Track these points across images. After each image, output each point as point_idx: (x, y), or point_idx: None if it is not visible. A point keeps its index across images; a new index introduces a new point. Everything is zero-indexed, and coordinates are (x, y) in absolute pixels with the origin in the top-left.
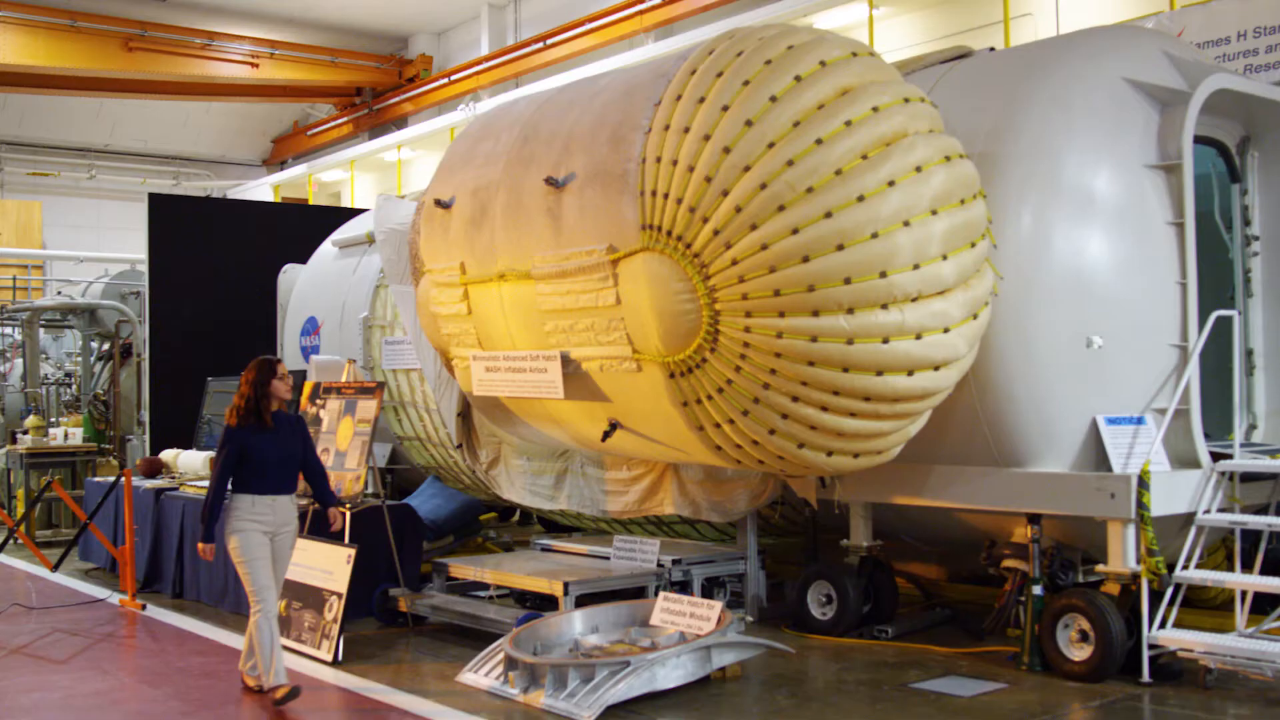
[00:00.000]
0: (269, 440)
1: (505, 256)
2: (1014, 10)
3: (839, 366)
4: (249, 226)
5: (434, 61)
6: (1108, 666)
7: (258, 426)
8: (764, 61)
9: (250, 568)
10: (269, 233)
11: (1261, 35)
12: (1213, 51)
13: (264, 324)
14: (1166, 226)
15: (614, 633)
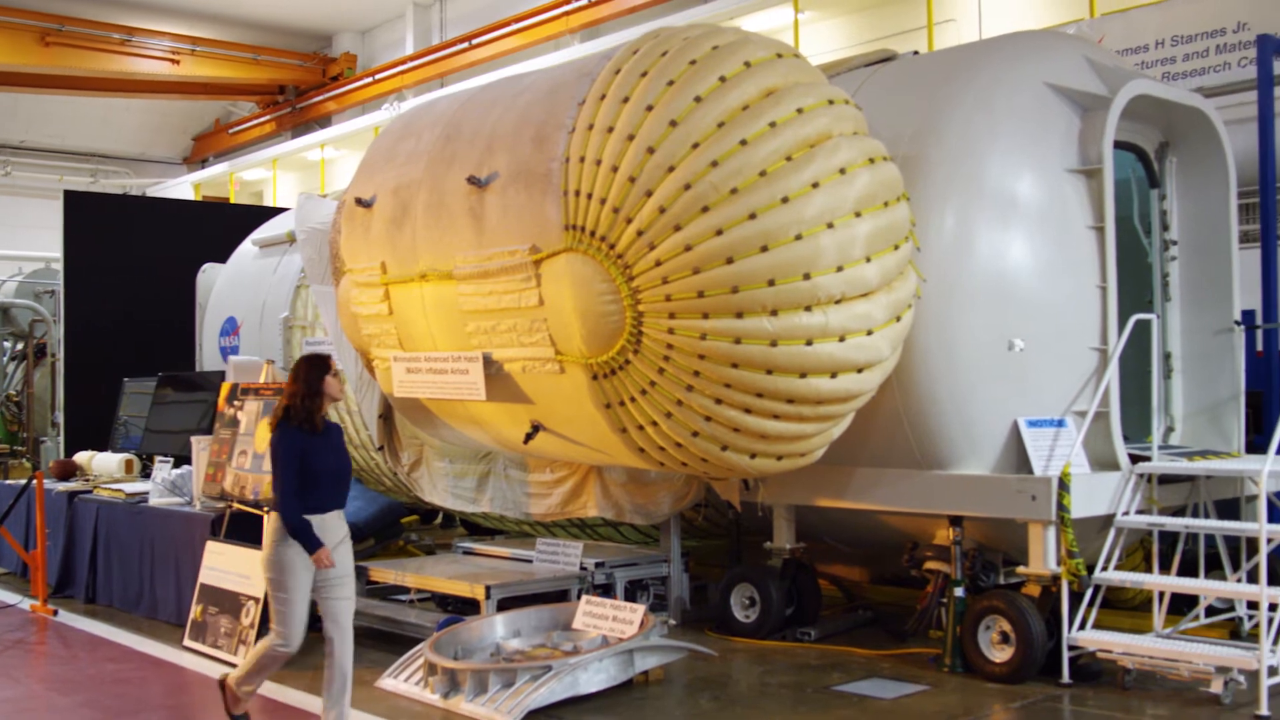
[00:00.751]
0: (321, 447)
1: (427, 256)
2: (937, 16)
3: (763, 369)
4: (168, 225)
5: (358, 60)
6: (1028, 668)
7: (309, 432)
8: (689, 62)
9: (286, 606)
10: (189, 232)
11: (1179, 44)
12: (1132, 59)
13: (183, 324)
14: (1087, 230)
15: (536, 637)
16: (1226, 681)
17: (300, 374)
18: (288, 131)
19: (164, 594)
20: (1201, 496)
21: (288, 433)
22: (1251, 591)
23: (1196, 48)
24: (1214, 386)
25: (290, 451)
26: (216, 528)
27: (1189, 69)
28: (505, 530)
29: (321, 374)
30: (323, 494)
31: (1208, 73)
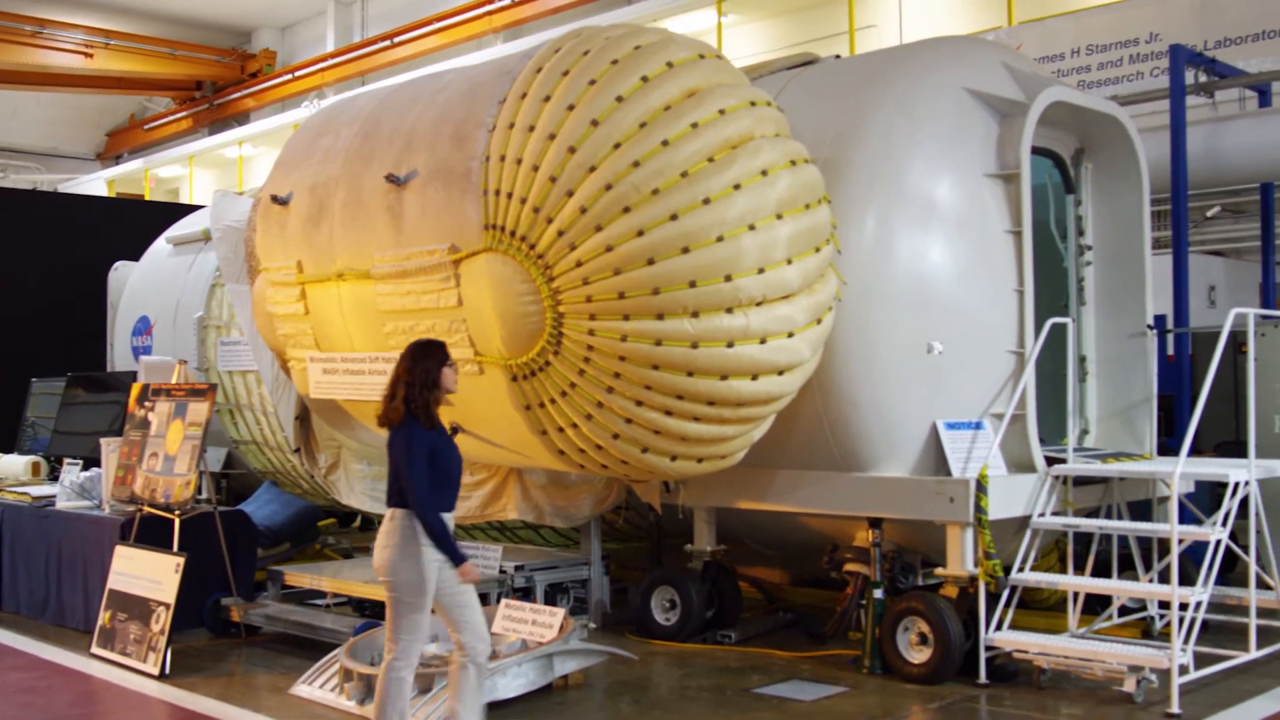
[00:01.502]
0: (446, 444)
1: (344, 255)
2: (859, 21)
3: (683, 370)
4: (80, 222)
5: (278, 57)
6: (946, 668)
7: (428, 428)
8: (611, 61)
9: (419, 616)
10: (101, 229)
11: (1094, 52)
12: (1049, 67)
13: (94, 323)
14: (1004, 235)
15: None
16: (1139, 680)
17: (415, 363)
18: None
19: (71, 600)
20: (1115, 498)
21: (417, 429)
22: (1163, 591)
23: (1110, 57)
24: (1127, 390)
25: (423, 448)
26: (126, 532)
27: (1103, 78)
28: None
29: (439, 363)
30: (451, 495)
31: (1121, 81)
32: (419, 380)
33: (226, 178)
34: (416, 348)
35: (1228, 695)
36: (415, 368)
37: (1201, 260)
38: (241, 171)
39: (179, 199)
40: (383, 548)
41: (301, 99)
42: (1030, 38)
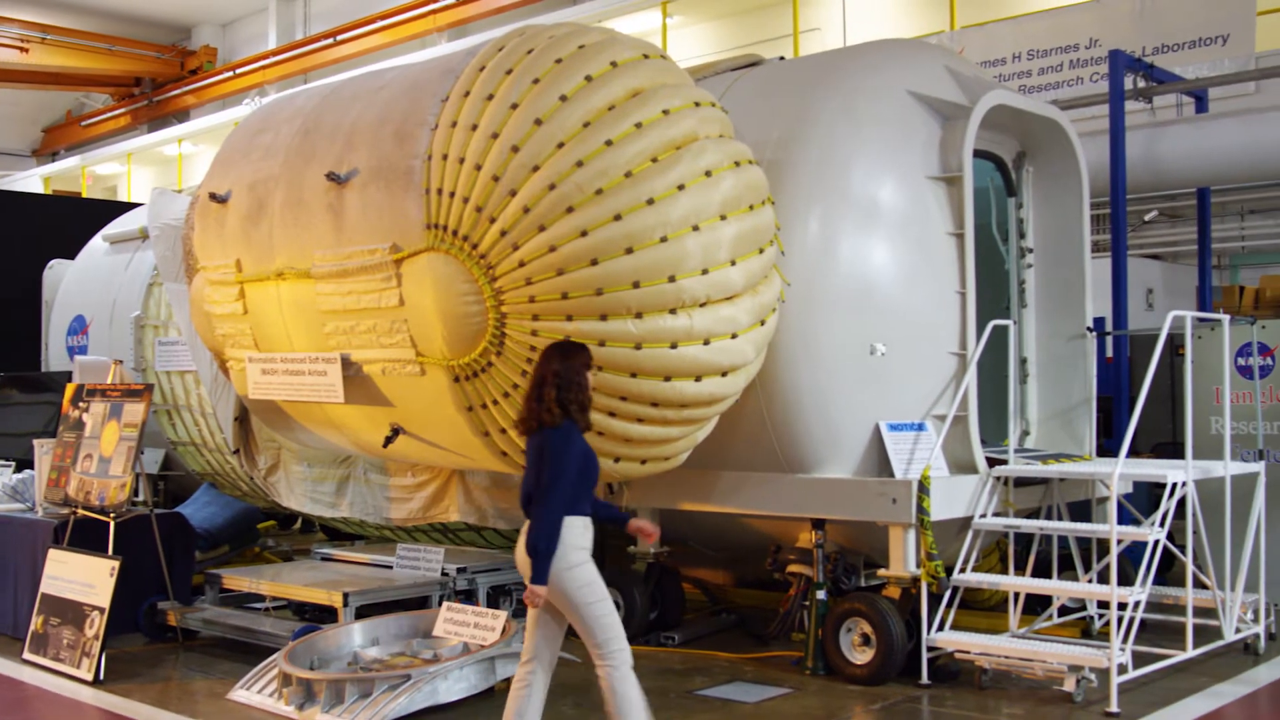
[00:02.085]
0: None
1: (284, 254)
2: (803, 24)
3: (627, 371)
4: (14, 219)
5: (218, 54)
6: (889, 669)
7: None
8: (555, 60)
9: (605, 608)
10: (36, 226)
11: (1035, 57)
12: (990, 71)
13: (28, 323)
14: (947, 237)
15: (395, 645)
16: (1079, 680)
17: (563, 363)
18: (144, 125)
19: (2, 605)
20: (1055, 499)
21: (576, 431)
22: (1102, 591)
23: (1051, 62)
24: (1067, 391)
25: (579, 450)
26: (60, 535)
27: (1044, 82)
28: (366, 536)
29: (585, 364)
30: (589, 497)
31: (1061, 86)
32: (570, 380)
33: (165, 176)
34: (561, 348)
35: (1165, 694)
36: (564, 369)
37: (1139, 264)
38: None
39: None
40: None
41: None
42: (972, 42)
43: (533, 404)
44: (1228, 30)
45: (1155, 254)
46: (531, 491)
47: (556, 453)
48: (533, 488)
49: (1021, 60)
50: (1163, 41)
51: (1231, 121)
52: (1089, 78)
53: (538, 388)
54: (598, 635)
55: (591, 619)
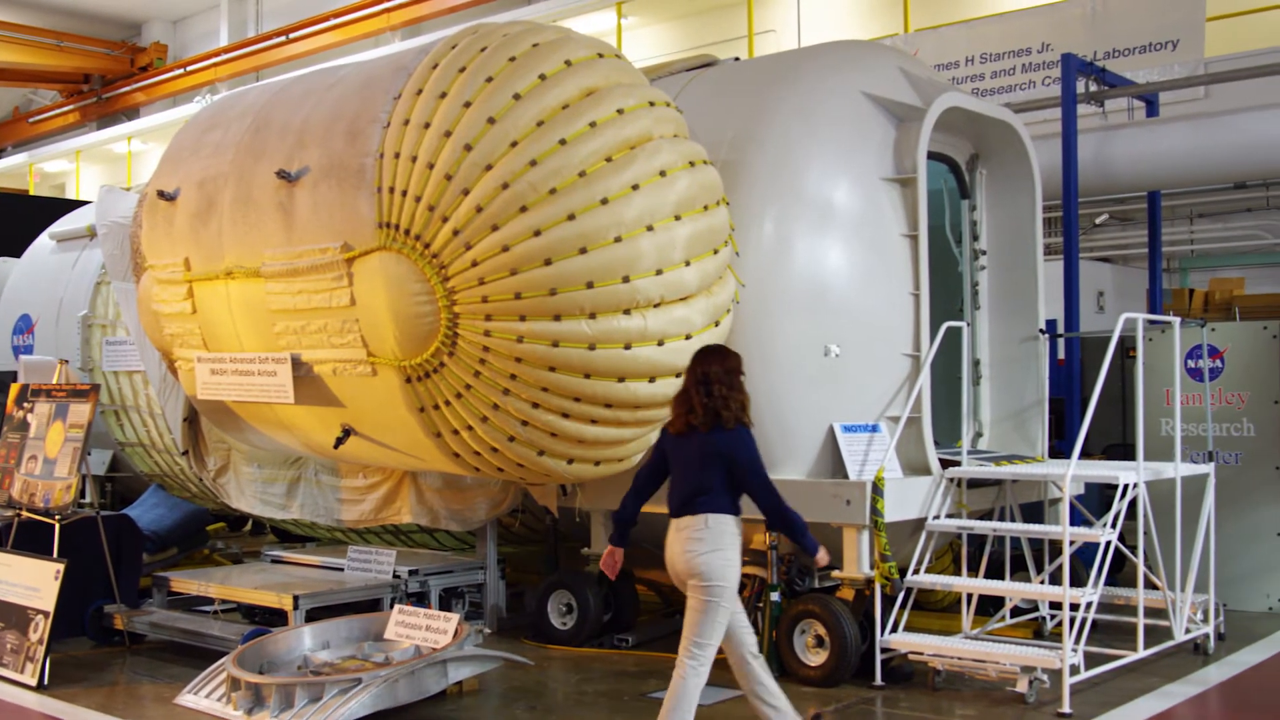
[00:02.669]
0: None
1: (233, 253)
2: (758, 26)
3: (580, 372)
4: None
5: (169, 51)
6: (842, 671)
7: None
8: (508, 58)
9: (724, 614)
10: None
11: (988, 61)
12: (944, 74)
13: None
14: (901, 239)
15: (346, 648)
16: (1031, 681)
17: (724, 366)
18: (93, 122)
19: None
20: (1008, 500)
21: (749, 432)
22: (1055, 592)
23: (1003, 65)
24: (1020, 393)
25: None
26: (3, 537)
27: (996, 86)
28: (317, 538)
29: (739, 367)
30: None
31: (1014, 90)
32: (735, 382)
33: (115, 173)
34: (716, 352)
35: (1117, 694)
36: (726, 373)
37: (1090, 266)
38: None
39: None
40: (699, 554)
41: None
42: (926, 45)
43: (701, 401)
44: (1177, 35)
45: (1106, 257)
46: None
47: (751, 455)
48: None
49: (974, 63)
50: (1114, 46)
51: (1182, 125)
52: (1041, 81)
53: (703, 385)
54: (703, 631)
55: (709, 614)
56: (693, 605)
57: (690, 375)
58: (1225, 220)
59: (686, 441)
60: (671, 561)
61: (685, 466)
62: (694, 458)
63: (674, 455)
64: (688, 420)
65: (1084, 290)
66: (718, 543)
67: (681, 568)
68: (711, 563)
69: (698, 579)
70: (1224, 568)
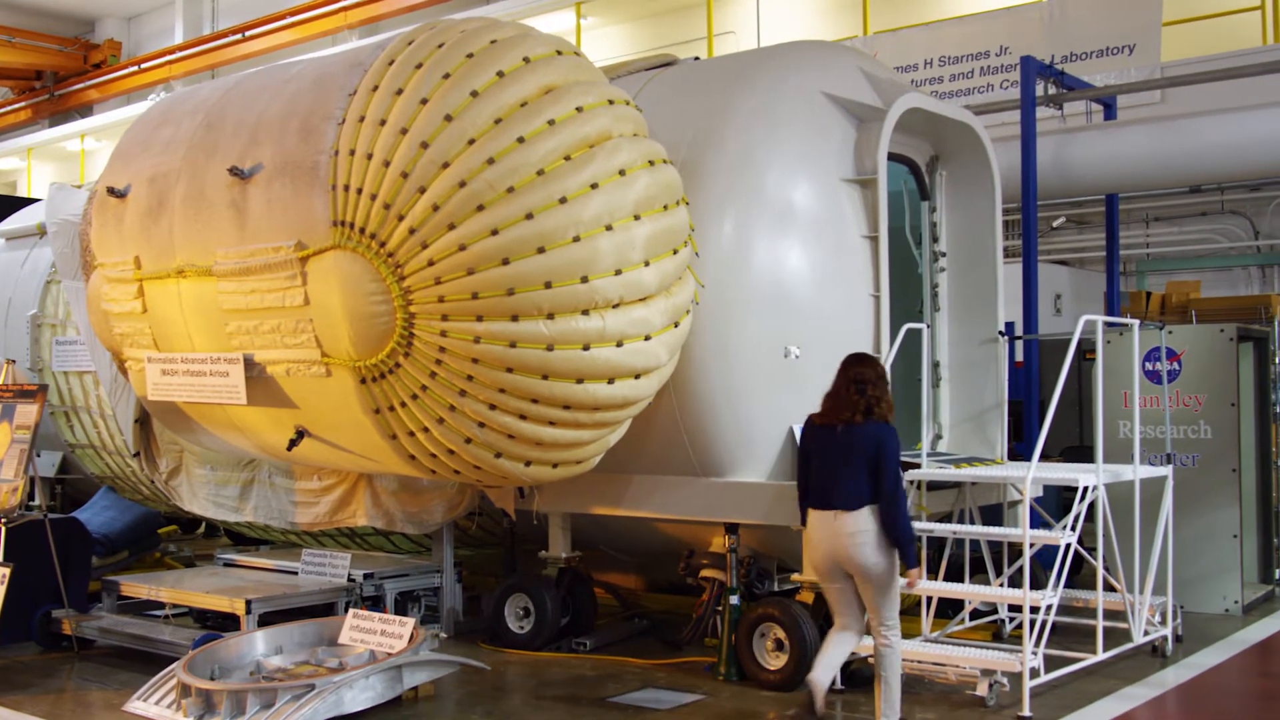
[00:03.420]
0: None
1: (185, 251)
2: (717, 28)
3: (538, 373)
4: None
5: (123, 48)
6: (802, 675)
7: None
8: (466, 55)
9: (895, 590)
10: None
11: (946, 64)
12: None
13: None
14: (861, 240)
15: (299, 653)
16: (991, 684)
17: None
18: (45, 120)
19: None
20: (967, 502)
21: (894, 431)
22: (1015, 595)
23: (962, 68)
24: (979, 395)
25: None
26: None
27: (955, 89)
28: (271, 540)
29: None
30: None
31: (972, 93)
32: (884, 385)
33: (68, 171)
34: (866, 358)
35: (1077, 697)
36: (878, 376)
37: (1047, 269)
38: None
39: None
40: (862, 545)
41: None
42: (885, 47)
43: (854, 399)
44: (1134, 40)
45: (1063, 260)
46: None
47: (895, 450)
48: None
49: (933, 66)
50: (1071, 50)
51: (1140, 129)
52: (999, 84)
53: (858, 385)
54: (887, 611)
55: (887, 597)
56: (867, 594)
57: (843, 377)
58: (1180, 224)
59: (832, 435)
60: (829, 553)
61: (833, 460)
62: (839, 451)
63: (818, 448)
64: (841, 417)
65: (1041, 293)
66: (874, 536)
67: (850, 562)
68: (880, 557)
69: (869, 571)
70: (1181, 569)
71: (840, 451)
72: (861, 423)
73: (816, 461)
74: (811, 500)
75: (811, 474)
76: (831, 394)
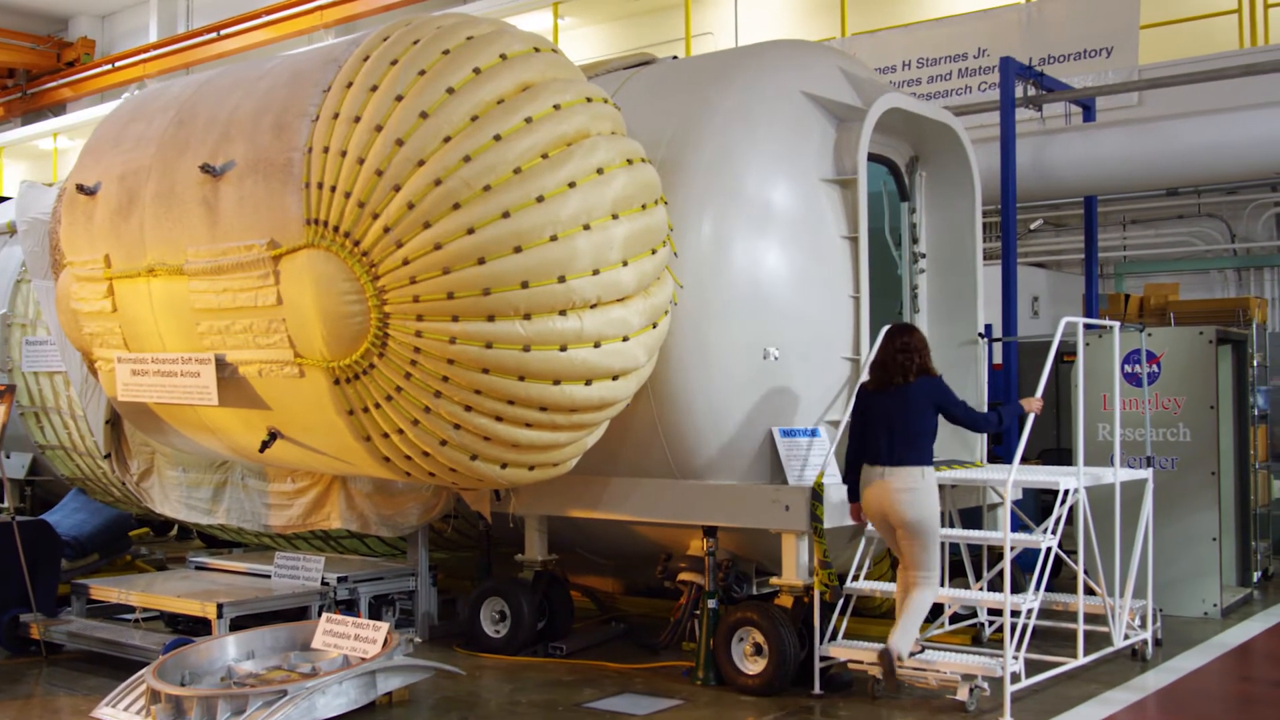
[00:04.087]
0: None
1: (155, 249)
2: (695, 28)
3: (514, 374)
4: None
5: (97, 46)
6: (781, 679)
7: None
8: (442, 51)
9: (937, 543)
10: None
11: (924, 65)
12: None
13: None
14: (841, 241)
15: (272, 658)
16: (972, 689)
17: (915, 335)
18: (17, 118)
19: None
20: (947, 505)
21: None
22: (996, 599)
23: (940, 70)
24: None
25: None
26: None
27: (933, 90)
28: (245, 543)
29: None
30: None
31: (950, 95)
32: (927, 350)
33: (40, 170)
34: (907, 327)
35: (1057, 702)
36: (920, 343)
37: (1025, 272)
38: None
39: None
40: (909, 501)
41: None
42: (863, 49)
43: (903, 362)
44: (1112, 43)
45: (1040, 262)
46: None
47: (950, 392)
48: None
49: (911, 68)
50: (1049, 53)
51: (1119, 130)
52: (977, 87)
53: (904, 353)
54: (924, 559)
55: (924, 548)
56: (909, 548)
57: (889, 345)
58: (1157, 227)
59: (887, 398)
60: (878, 508)
61: (888, 421)
62: (894, 412)
63: (875, 412)
64: (893, 381)
65: (1019, 295)
66: (930, 493)
67: (894, 515)
68: (925, 512)
69: (914, 525)
70: (1159, 573)
71: (895, 412)
72: (913, 382)
73: (871, 425)
74: (867, 458)
75: (867, 436)
76: (879, 362)
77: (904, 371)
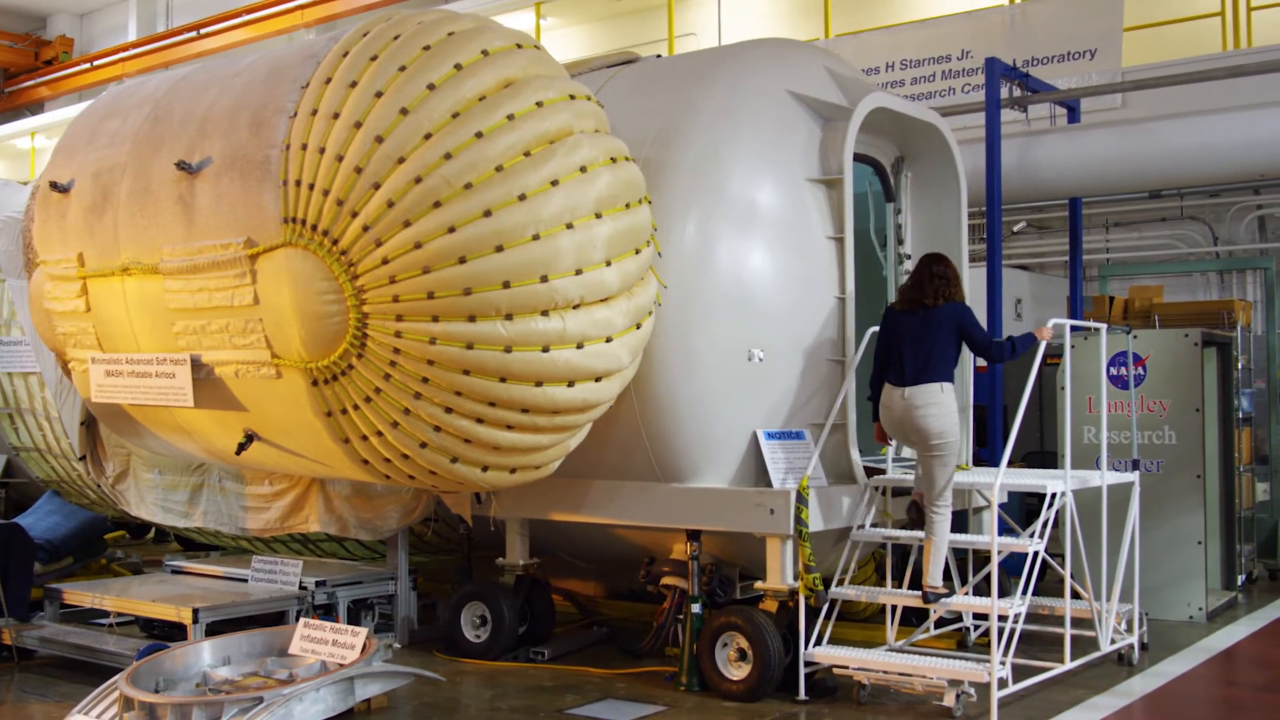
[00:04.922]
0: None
1: (130, 248)
2: (678, 29)
3: (496, 376)
4: None
5: (75, 45)
6: (765, 685)
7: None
8: (423, 47)
9: (952, 467)
10: None
11: (908, 67)
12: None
13: None
14: (826, 241)
15: (248, 664)
16: (958, 694)
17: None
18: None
19: None
20: None
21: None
22: (983, 604)
23: (924, 72)
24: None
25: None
26: None
27: (917, 92)
28: (223, 546)
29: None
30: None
31: (934, 96)
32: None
33: (18, 169)
34: (940, 256)
35: (1044, 707)
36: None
37: (1009, 274)
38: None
39: None
40: (930, 416)
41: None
42: (847, 50)
43: (935, 285)
44: (1095, 45)
45: (1023, 265)
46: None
47: (974, 318)
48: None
49: (895, 69)
50: (1033, 55)
51: (1104, 132)
52: (962, 88)
53: (938, 277)
54: (939, 484)
55: (940, 471)
56: (927, 464)
57: (924, 270)
58: (1140, 230)
59: (913, 318)
60: (900, 424)
61: (914, 339)
62: (922, 330)
63: (900, 331)
64: (924, 302)
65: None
66: (950, 406)
67: (915, 428)
68: (945, 424)
69: (934, 438)
70: (1145, 576)
71: (920, 332)
72: (941, 304)
73: (897, 344)
74: (889, 377)
75: (891, 355)
76: (912, 284)
77: (935, 294)
